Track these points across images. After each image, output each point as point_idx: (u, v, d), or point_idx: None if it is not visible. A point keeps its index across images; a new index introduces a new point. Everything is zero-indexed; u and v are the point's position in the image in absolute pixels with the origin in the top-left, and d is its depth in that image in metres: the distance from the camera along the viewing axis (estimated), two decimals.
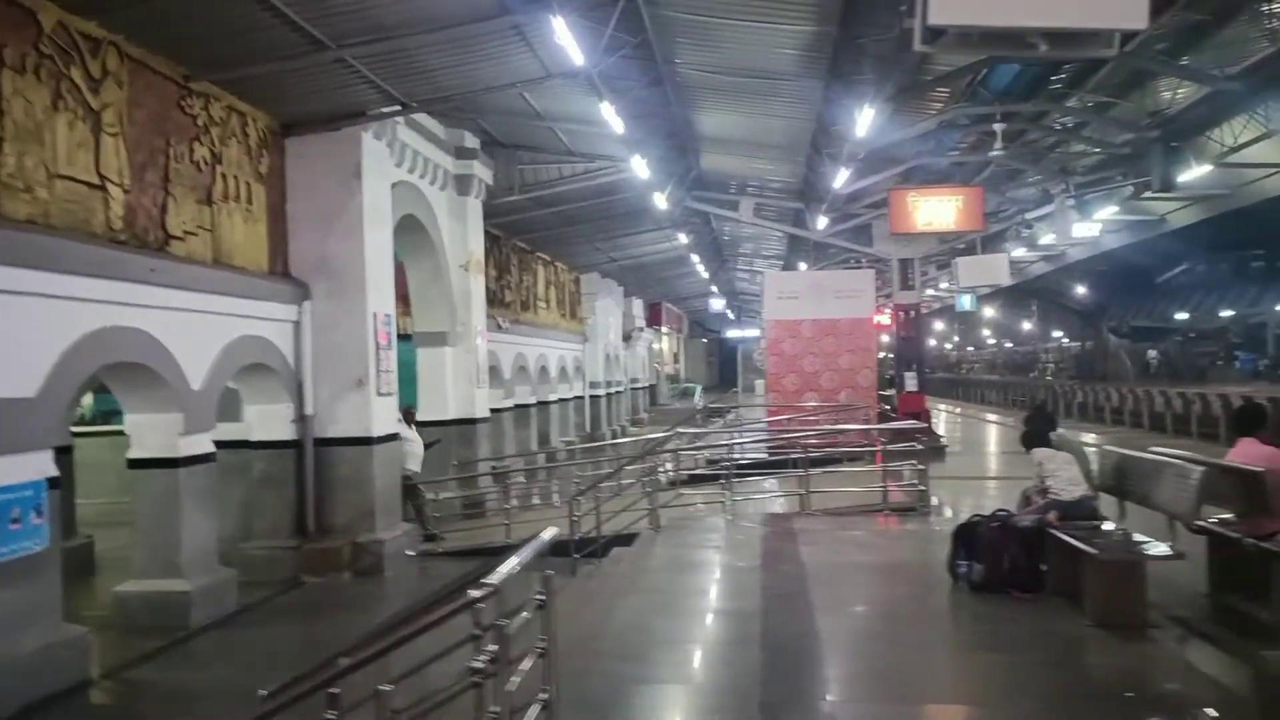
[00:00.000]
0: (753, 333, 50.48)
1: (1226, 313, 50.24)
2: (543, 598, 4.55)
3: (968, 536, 8.14)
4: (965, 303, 36.02)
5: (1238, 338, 53.10)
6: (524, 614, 4.26)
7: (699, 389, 55.03)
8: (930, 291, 40.91)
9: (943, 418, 32.82)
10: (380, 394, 13.62)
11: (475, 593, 3.69)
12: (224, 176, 11.72)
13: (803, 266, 26.13)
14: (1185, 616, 7.11)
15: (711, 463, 17.50)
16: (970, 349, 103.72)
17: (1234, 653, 6.17)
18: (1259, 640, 5.72)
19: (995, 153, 14.64)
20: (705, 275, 33.54)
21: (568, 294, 30.71)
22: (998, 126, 13.72)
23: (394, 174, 14.79)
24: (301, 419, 13.05)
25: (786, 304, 20.20)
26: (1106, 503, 8.02)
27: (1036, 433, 8.32)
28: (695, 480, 16.40)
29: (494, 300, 22.59)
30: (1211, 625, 6.90)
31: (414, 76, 12.35)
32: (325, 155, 13.17)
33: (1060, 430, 8.61)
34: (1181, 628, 6.90)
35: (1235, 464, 6.84)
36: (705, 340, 73.30)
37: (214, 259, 11.38)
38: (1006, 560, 7.85)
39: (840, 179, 15.79)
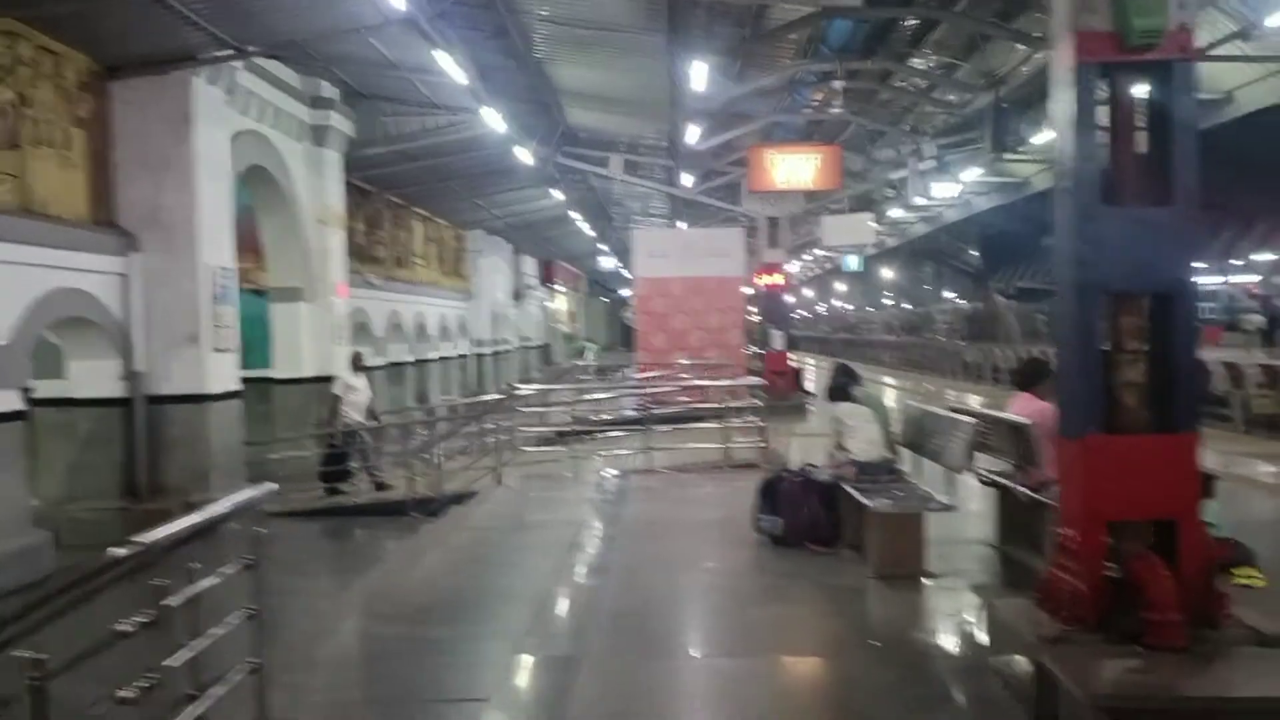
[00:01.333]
0: None
1: None
2: (251, 560, 4.39)
3: (771, 491, 8.19)
4: (852, 263, 36.52)
5: None
6: (210, 579, 4.07)
7: (596, 348, 54.93)
8: (819, 251, 41.35)
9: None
10: (216, 350, 13.21)
11: (120, 551, 3.50)
12: (34, 121, 11.14)
13: (682, 225, 26.10)
14: (966, 568, 7.26)
15: (579, 420, 17.47)
16: (870, 309, 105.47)
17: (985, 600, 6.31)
18: (1028, 589, 5.85)
19: (836, 110, 14.71)
20: (592, 234, 33.32)
21: (450, 251, 30.23)
22: (838, 84, 13.78)
23: (236, 122, 14.28)
24: (131, 376, 12.60)
25: (656, 262, 20.11)
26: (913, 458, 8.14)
27: (838, 388, 8.39)
28: (563, 437, 16.33)
29: (364, 256, 22.10)
30: (988, 575, 7.06)
31: (242, 19, 11.89)
32: (154, 101, 12.64)
33: (865, 387, 8.69)
34: (959, 578, 7.05)
35: (1004, 416, 6.97)
36: (607, 300, 73.14)
37: (22, 207, 10.84)
38: (805, 514, 7.93)
39: (692, 135, 15.73)
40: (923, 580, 6.91)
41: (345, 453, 13.93)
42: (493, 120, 14.79)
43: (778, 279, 21.12)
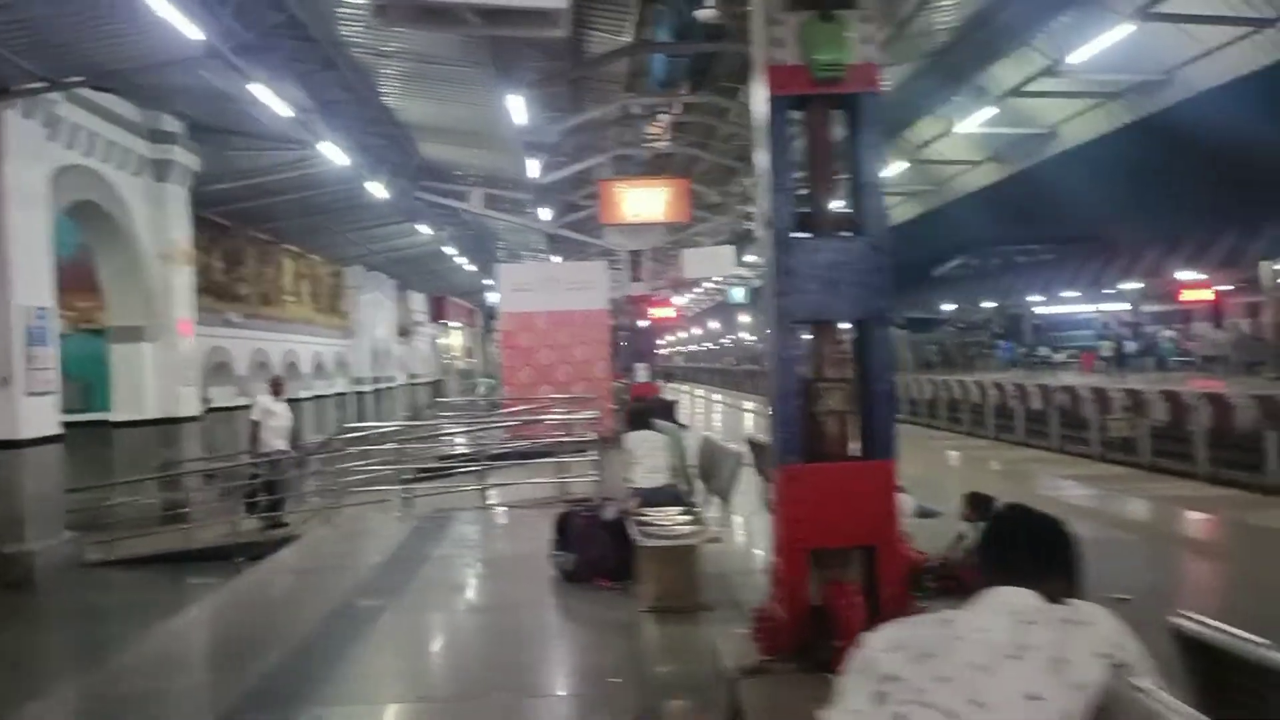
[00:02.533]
0: None
1: (988, 304, 53.25)
2: None
3: (564, 526, 8.11)
4: (737, 295, 36.83)
5: (999, 328, 56.37)
6: None
7: (492, 383, 54.40)
8: (709, 285, 41.71)
9: (709, 407, 33.48)
10: (31, 394, 12.67)
11: None
12: None
13: (557, 259, 26.09)
14: (748, 598, 7.21)
15: (444, 458, 17.24)
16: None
17: None
18: None
19: (663, 143, 14.85)
20: (473, 269, 33.10)
21: (326, 287, 29.72)
22: (665, 117, 13.91)
23: (59, 156, 13.81)
24: None
25: (521, 296, 20.03)
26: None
27: (636, 419, 8.38)
28: (426, 475, 16.05)
29: (223, 293, 21.59)
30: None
31: (54, 51, 11.52)
32: None
33: (661, 421, 8.69)
34: (736, 609, 7.01)
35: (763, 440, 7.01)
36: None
37: None
38: (595, 549, 7.85)
39: (533, 169, 15.73)
40: (697, 613, 6.87)
41: (272, 480, 13.55)
42: (332, 154, 14.58)
43: (668, 312, 21.19)
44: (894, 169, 18.44)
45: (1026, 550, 2.36)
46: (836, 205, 5.02)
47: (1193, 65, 12.56)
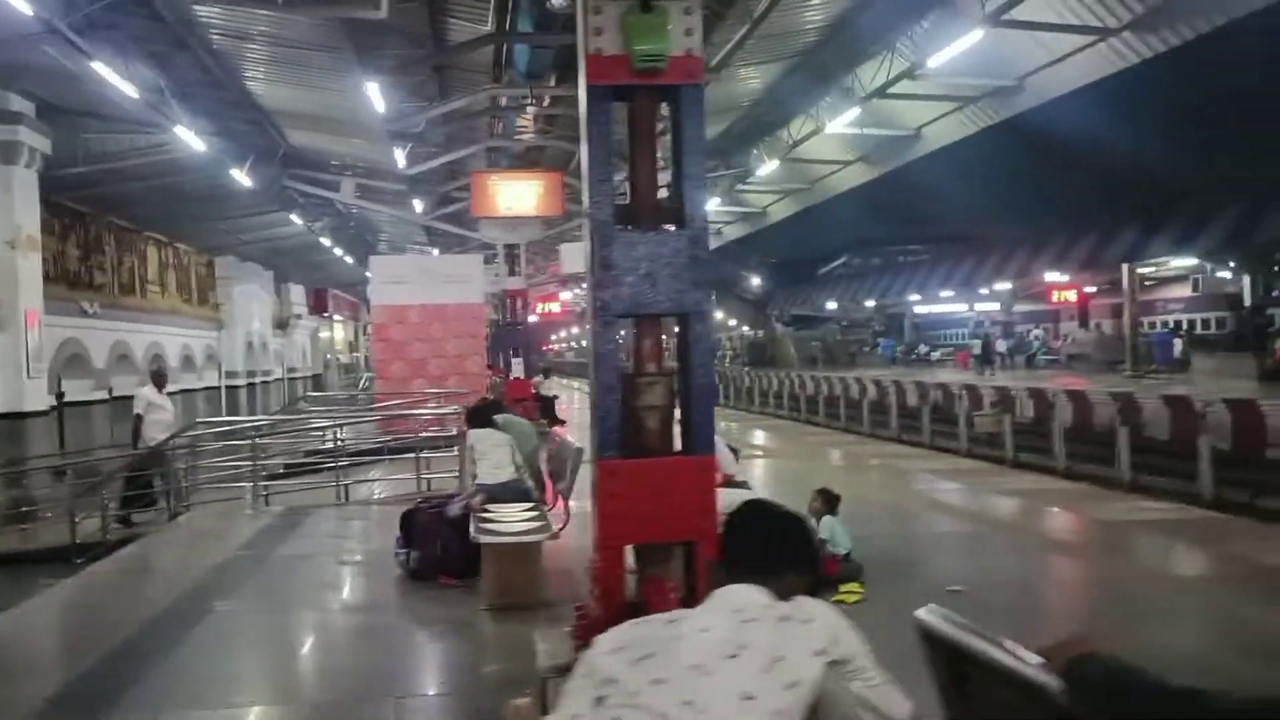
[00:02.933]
0: None
1: (870, 302, 54.43)
2: None
3: (408, 523, 7.93)
4: None
5: (880, 326, 57.73)
6: None
7: (372, 376, 53.32)
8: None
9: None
10: None
11: None
12: None
13: (435, 252, 25.66)
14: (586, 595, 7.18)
15: (311, 453, 16.77)
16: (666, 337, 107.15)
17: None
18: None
19: (532, 136, 14.72)
20: (350, 261, 32.36)
21: (195, 277, 28.71)
22: (532, 109, 13.79)
23: None
24: None
25: (393, 289, 19.62)
26: None
27: (476, 417, 8.25)
28: (291, 471, 15.58)
29: (78, 282, 20.65)
30: None
31: None
32: None
33: (508, 415, 8.58)
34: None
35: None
36: None
37: None
38: (439, 546, 7.69)
39: (400, 158, 15.43)
40: (537, 610, 6.77)
41: (149, 477, 12.86)
42: (188, 138, 14.04)
43: (553, 306, 20.94)
44: (768, 167, 18.65)
45: (761, 547, 2.33)
46: (660, 198, 4.95)
47: (1043, 72, 12.99)
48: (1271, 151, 14.60)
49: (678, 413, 4.84)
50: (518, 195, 17.23)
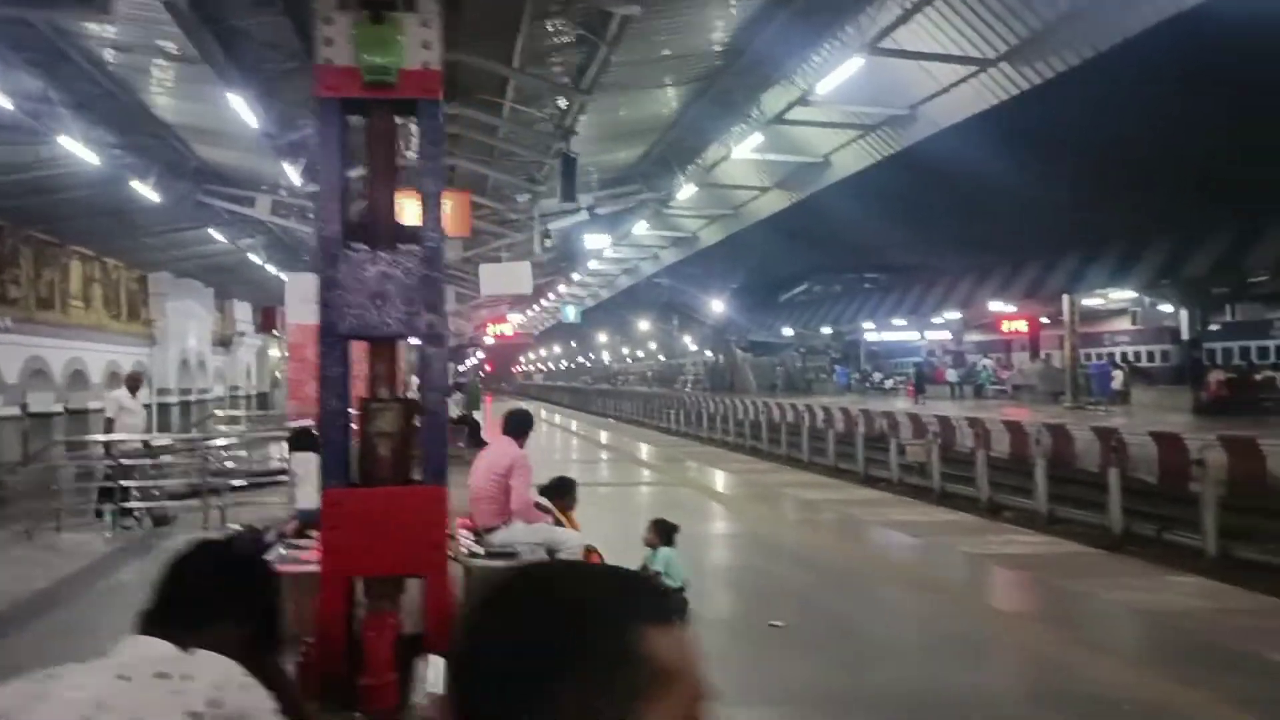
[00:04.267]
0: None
1: (826, 329, 54.53)
2: None
3: None
4: (570, 314, 36.65)
5: (838, 353, 57.79)
6: None
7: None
8: (545, 303, 41.44)
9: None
10: None
11: None
12: None
13: None
14: None
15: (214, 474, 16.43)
16: (630, 360, 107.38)
17: None
18: None
19: (411, 153, 14.46)
20: (284, 279, 31.93)
21: (125, 293, 28.20)
22: (414, 127, 13.48)
23: None
24: None
25: (309, 308, 19.23)
26: None
27: (299, 440, 8.01)
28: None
29: None
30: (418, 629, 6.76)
31: None
32: None
33: None
34: None
35: None
36: None
37: None
38: None
39: (292, 174, 15.21)
40: None
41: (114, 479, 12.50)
42: (75, 149, 13.76)
43: (504, 329, 20.64)
44: (686, 191, 18.58)
45: (182, 592, 2.11)
46: (388, 214, 4.75)
47: (932, 102, 12.97)
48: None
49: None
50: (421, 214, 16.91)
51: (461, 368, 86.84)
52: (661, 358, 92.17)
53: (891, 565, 9.23)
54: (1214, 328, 32.75)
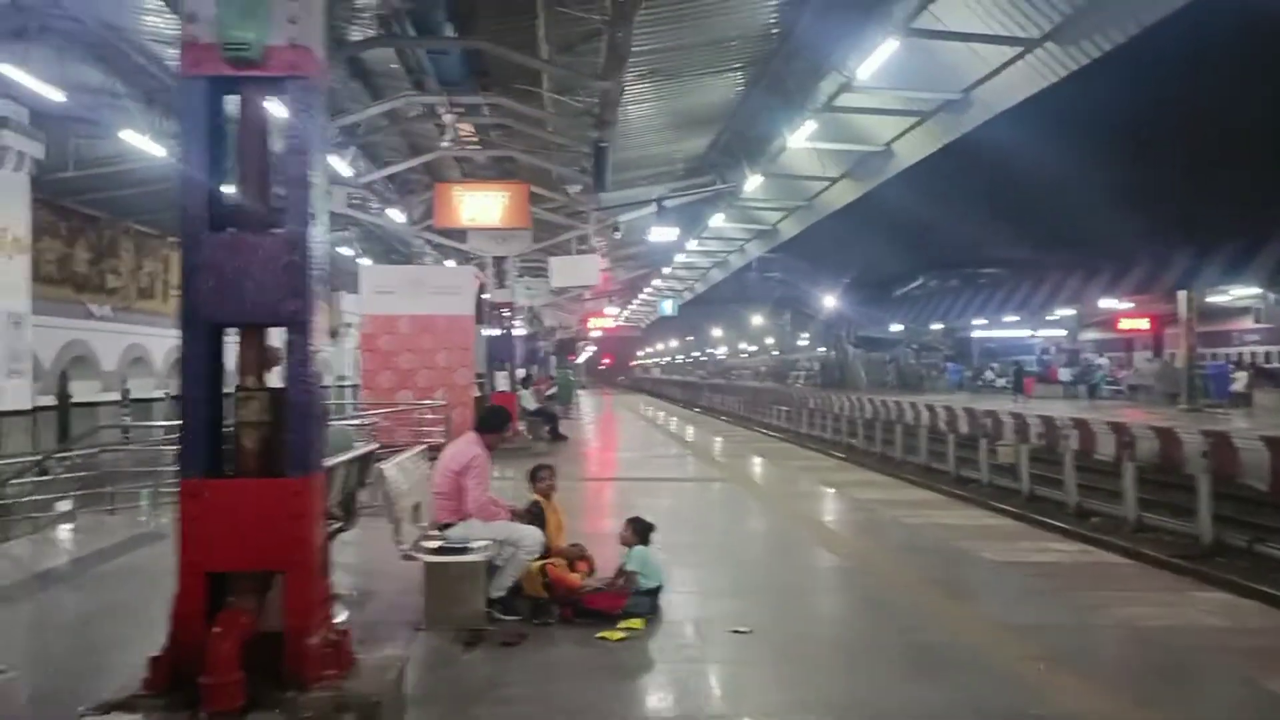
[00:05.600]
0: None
1: (937, 325, 53.03)
2: None
3: None
4: (666, 308, 36.47)
5: (950, 349, 56.07)
6: None
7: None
8: (644, 296, 41.29)
9: (630, 422, 33.01)
10: None
11: None
12: None
13: (451, 263, 25.63)
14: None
15: None
16: (744, 355, 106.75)
17: None
18: None
19: (446, 144, 14.46)
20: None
21: None
22: (449, 117, 13.50)
23: None
24: None
25: (383, 299, 19.58)
26: None
27: None
28: None
29: (85, 285, 21.17)
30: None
31: None
32: None
33: (341, 424, 8.28)
34: None
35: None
36: None
37: None
38: None
39: (342, 167, 15.36)
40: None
41: None
42: (140, 142, 14.22)
43: (605, 322, 20.65)
44: (753, 183, 18.16)
45: None
46: (257, 197, 4.58)
47: (984, 86, 12.26)
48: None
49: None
50: (481, 207, 17.03)
51: (578, 359, 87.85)
52: (776, 353, 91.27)
53: (895, 570, 8.73)
54: None
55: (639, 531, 7.50)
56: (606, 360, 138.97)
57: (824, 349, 70.61)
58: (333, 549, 7.52)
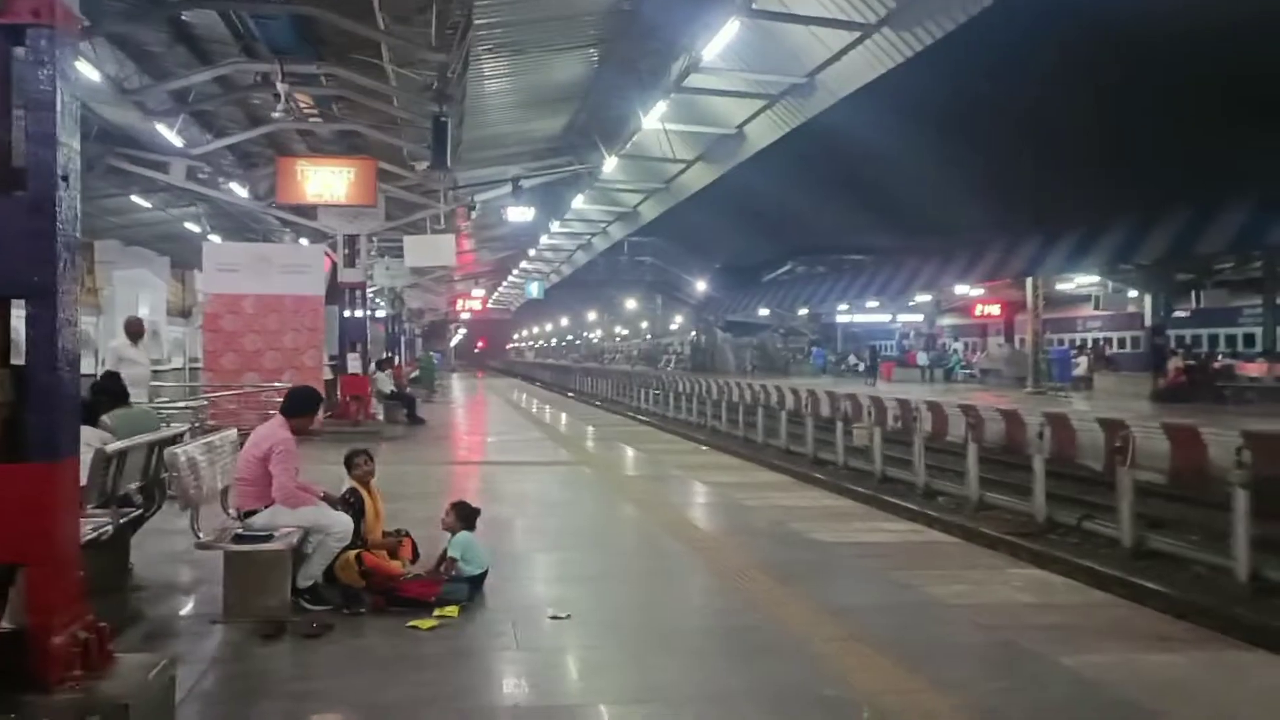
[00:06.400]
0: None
1: (803, 311, 54.03)
2: None
3: None
4: (533, 290, 36.15)
5: (816, 334, 57.23)
6: None
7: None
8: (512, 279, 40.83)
9: (498, 404, 32.64)
10: None
11: None
12: None
13: (305, 241, 24.79)
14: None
15: None
16: (618, 339, 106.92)
17: None
18: None
19: (278, 114, 13.97)
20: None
21: None
22: (282, 87, 12.98)
23: None
24: None
25: (227, 277, 18.77)
26: None
27: (89, 408, 7.48)
28: None
29: None
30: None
31: None
32: None
33: (130, 408, 7.81)
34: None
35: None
36: None
37: None
38: None
39: (170, 136, 14.64)
40: None
41: None
42: None
43: (474, 304, 20.13)
44: (611, 164, 18.04)
45: None
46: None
47: (828, 70, 12.40)
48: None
49: None
50: (327, 183, 16.47)
51: (453, 343, 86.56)
52: (649, 337, 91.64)
53: (728, 553, 8.72)
54: (1182, 314, 32.18)
55: (462, 516, 7.30)
56: (481, 343, 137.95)
57: (694, 333, 71.27)
58: (134, 538, 7.18)
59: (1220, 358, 29.75)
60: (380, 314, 26.81)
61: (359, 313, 19.63)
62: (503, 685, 5.26)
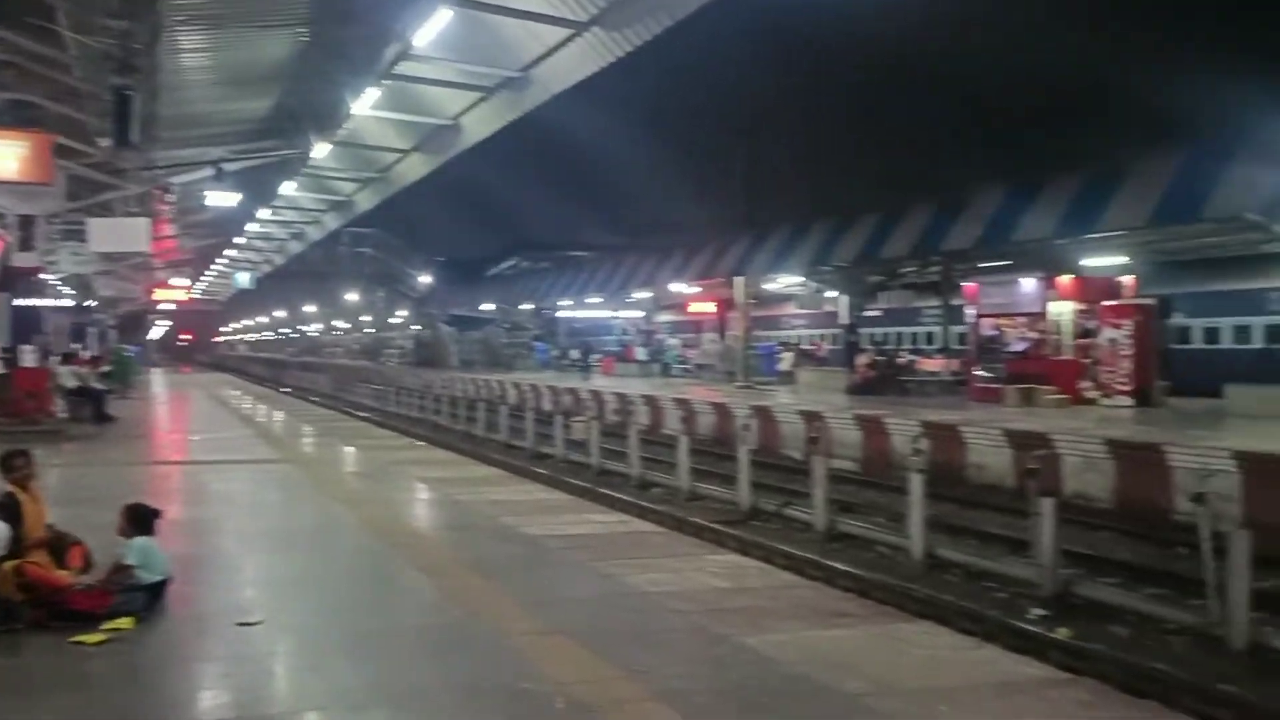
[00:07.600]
0: None
1: (528, 305, 54.23)
2: None
3: None
4: (242, 281, 34.18)
5: (539, 329, 57.61)
6: None
7: None
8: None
9: (196, 401, 30.61)
10: None
11: None
12: None
13: None
14: None
15: None
16: (339, 333, 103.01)
17: None
18: None
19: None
20: None
21: None
22: None
23: None
24: None
25: None
26: None
27: None
28: None
29: None
30: None
31: None
32: None
33: None
34: None
35: None
36: None
37: None
38: None
39: None
40: None
41: None
42: None
43: (176, 294, 18.32)
44: (322, 149, 17.37)
45: None
46: None
47: (542, 65, 12.54)
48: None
49: None
50: None
51: (155, 335, 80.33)
52: (370, 330, 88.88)
53: (433, 549, 8.62)
54: (873, 313, 34.75)
55: (137, 520, 6.78)
56: (187, 336, 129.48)
57: (418, 327, 69.65)
58: None
59: (904, 354, 32.39)
60: (64, 303, 24.51)
61: (36, 301, 17.81)
62: (171, 702, 4.92)
